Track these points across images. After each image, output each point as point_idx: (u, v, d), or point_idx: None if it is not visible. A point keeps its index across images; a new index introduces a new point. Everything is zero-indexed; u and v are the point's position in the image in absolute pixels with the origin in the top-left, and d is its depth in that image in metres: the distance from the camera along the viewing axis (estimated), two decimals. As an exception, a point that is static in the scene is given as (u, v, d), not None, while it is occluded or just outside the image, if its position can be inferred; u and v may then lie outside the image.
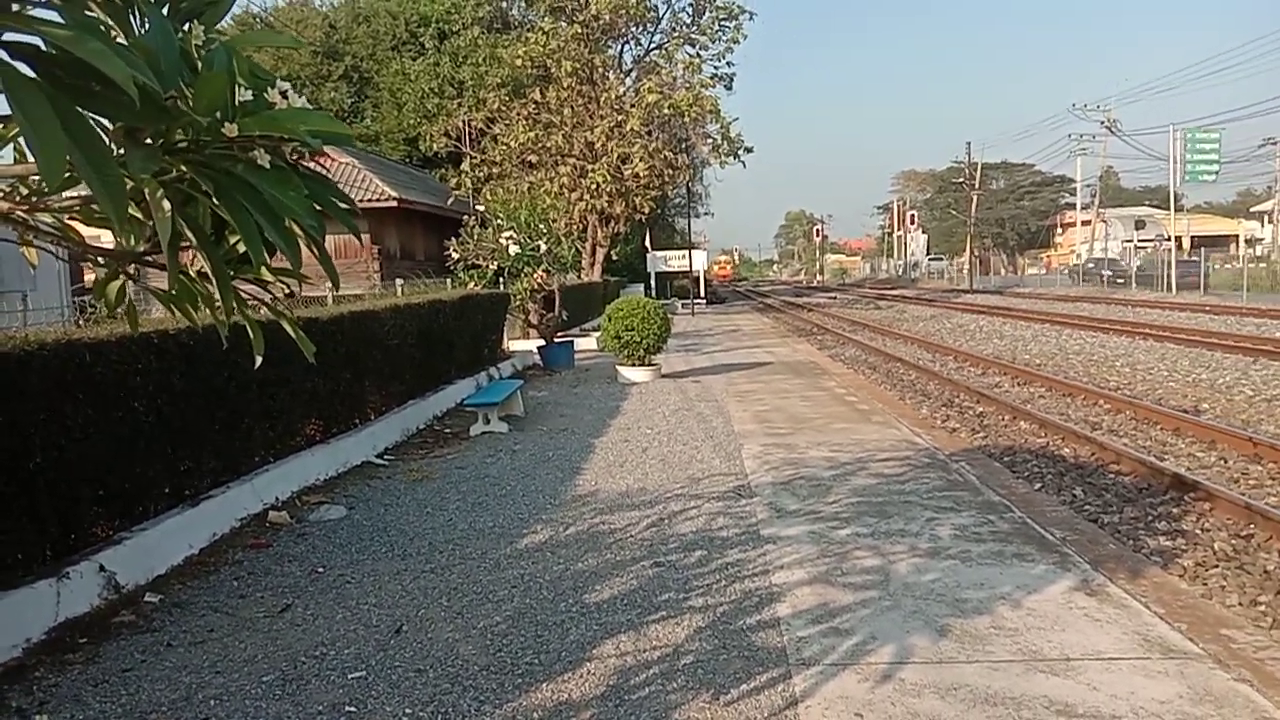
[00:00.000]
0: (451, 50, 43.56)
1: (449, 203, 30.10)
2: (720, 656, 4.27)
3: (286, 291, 2.85)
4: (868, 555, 5.64)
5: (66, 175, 1.60)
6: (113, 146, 1.76)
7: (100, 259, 2.51)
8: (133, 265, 2.53)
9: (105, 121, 1.73)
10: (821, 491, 7.21)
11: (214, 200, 1.93)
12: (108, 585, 5.18)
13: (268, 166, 2.01)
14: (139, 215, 2.35)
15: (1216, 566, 6.24)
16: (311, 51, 42.63)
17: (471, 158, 31.27)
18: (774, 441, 9.40)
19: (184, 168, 1.94)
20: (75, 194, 2.07)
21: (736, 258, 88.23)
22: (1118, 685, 3.87)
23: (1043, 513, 6.56)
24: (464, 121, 32.57)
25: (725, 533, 6.20)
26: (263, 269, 2.41)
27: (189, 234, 2.03)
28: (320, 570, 5.85)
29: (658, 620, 4.73)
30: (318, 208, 2.15)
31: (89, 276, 25.43)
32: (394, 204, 27.31)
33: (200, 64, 1.90)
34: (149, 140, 1.86)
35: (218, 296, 2.48)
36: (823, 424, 10.36)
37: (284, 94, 2.06)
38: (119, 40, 1.69)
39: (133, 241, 2.53)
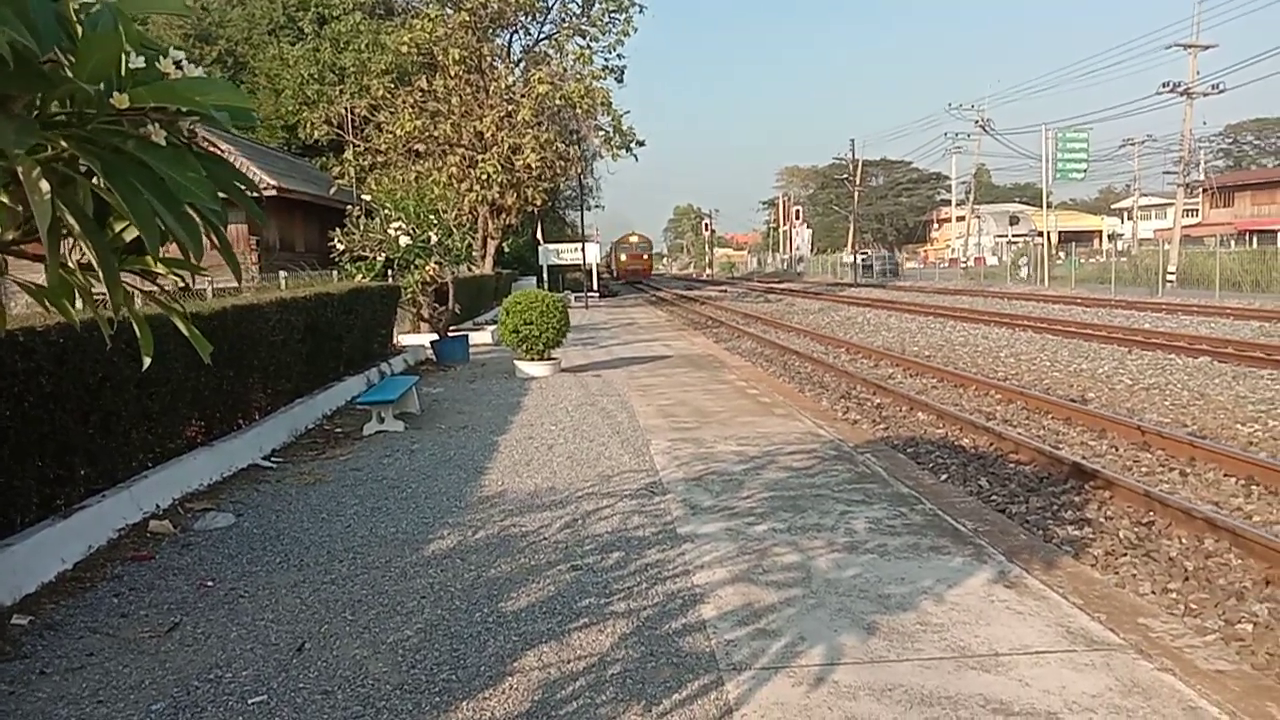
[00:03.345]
0: (332, 36, 42.23)
1: (331, 192, 29.14)
2: (649, 665, 4.10)
3: (180, 285, 2.54)
4: (787, 551, 5.55)
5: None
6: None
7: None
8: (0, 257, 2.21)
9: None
10: (734, 487, 7.12)
11: (102, 181, 1.66)
12: (-32, 609, 4.68)
13: (163, 144, 1.74)
14: (5, 199, 2.04)
15: (1125, 555, 6.38)
16: (182, 34, 40.71)
17: (355, 146, 30.29)
18: (681, 436, 9.28)
19: (64, 144, 1.66)
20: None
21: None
22: (1048, 680, 3.85)
23: (952, 504, 6.60)
24: (346, 109, 31.55)
25: (642, 532, 6.03)
26: (154, 260, 2.14)
27: (69, 220, 1.75)
28: (210, 584, 5.43)
29: (580, 628, 4.52)
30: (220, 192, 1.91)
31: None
32: (273, 193, 26.24)
33: (81, 28, 1.63)
34: (22, 111, 1.58)
35: (101, 291, 2.17)
36: (728, 417, 10.31)
37: (178, 64, 1.78)
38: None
39: (-1, 229, 2.20)
